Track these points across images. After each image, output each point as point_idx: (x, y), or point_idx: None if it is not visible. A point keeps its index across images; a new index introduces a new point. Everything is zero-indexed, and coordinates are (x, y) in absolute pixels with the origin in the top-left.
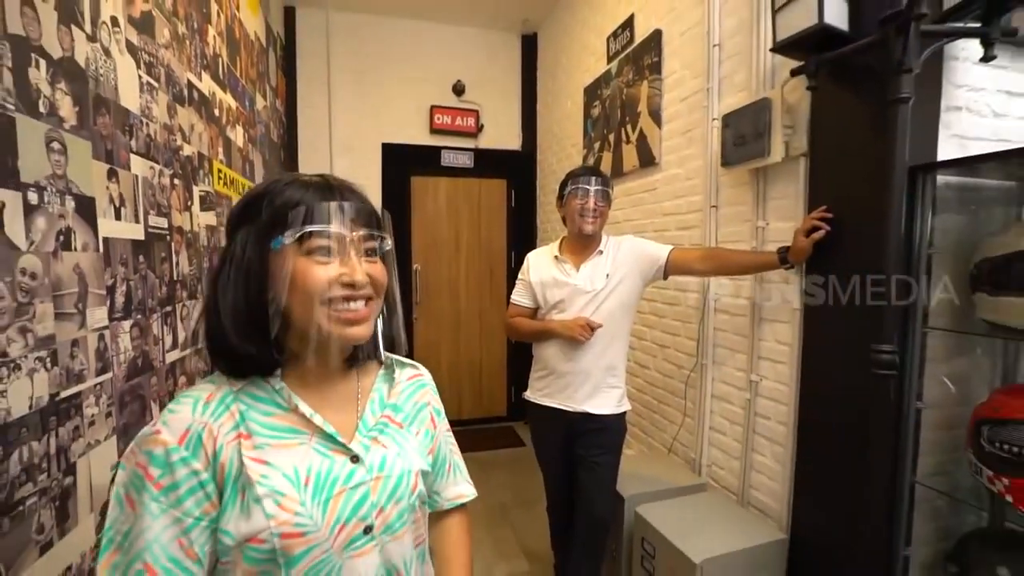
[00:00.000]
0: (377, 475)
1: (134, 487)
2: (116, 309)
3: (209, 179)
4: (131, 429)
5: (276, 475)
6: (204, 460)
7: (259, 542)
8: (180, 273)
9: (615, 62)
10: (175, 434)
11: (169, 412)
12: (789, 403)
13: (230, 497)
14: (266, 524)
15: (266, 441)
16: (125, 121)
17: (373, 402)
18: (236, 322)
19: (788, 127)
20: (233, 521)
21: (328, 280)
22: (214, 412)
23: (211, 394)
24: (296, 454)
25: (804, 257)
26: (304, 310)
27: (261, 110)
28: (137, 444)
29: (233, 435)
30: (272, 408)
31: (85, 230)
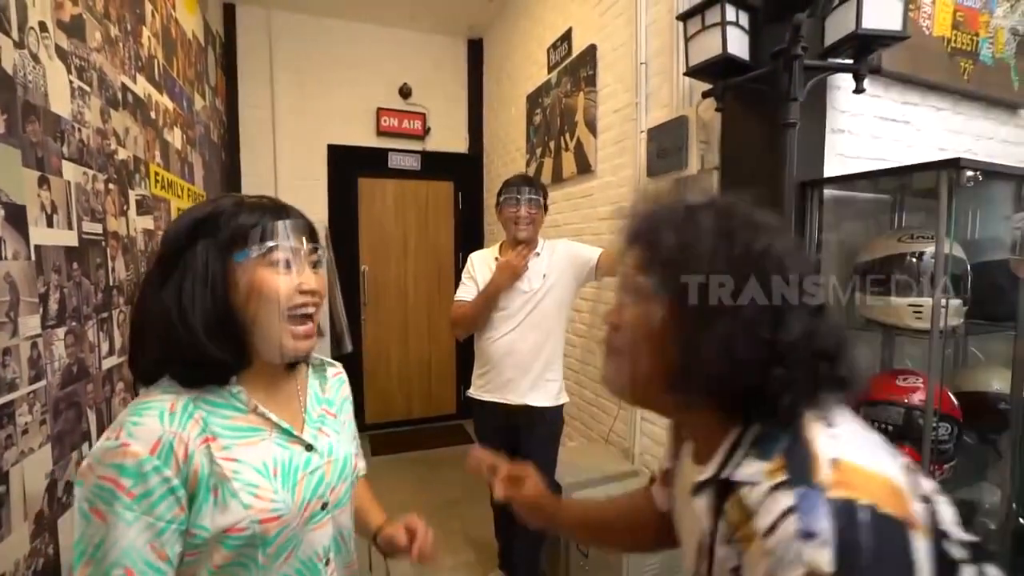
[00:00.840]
0: (328, 459)
1: (102, 500)
2: (49, 317)
3: (146, 183)
4: (66, 436)
5: (247, 470)
6: (175, 467)
7: (239, 530)
8: (116, 279)
9: (555, 72)
10: (146, 445)
11: (133, 424)
12: None
13: (203, 497)
14: (245, 514)
15: (232, 441)
16: (56, 127)
17: (311, 398)
18: (208, 330)
19: (703, 142)
20: (208, 517)
21: (291, 288)
22: (180, 422)
23: (172, 403)
24: (260, 449)
25: None
26: (265, 316)
27: (200, 110)
28: (97, 459)
29: (200, 440)
30: (231, 412)
31: (15, 238)
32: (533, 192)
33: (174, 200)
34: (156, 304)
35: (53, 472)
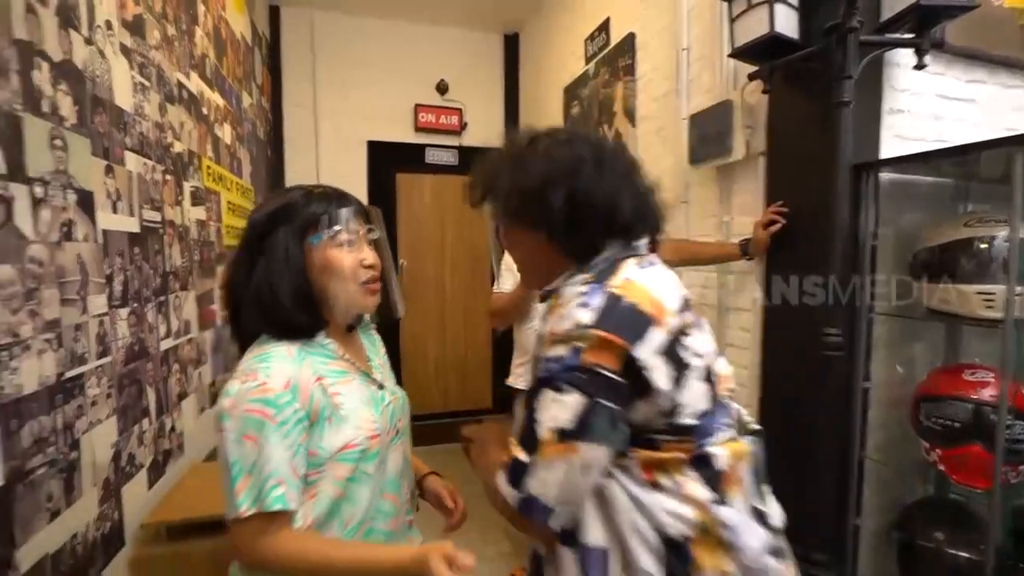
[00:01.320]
0: (393, 396)
1: (252, 427)
2: (114, 297)
3: (199, 175)
4: (129, 411)
5: (349, 401)
6: (301, 401)
7: (353, 446)
8: (173, 265)
9: (592, 63)
10: (280, 383)
11: (266, 368)
12: (751, 387)
13: (322, 423)
14: (356, 433)
15: (334, 380)
16: (120, 119)
17: (370, 350)
18: (294, 301)
19: (749, 127)
20: (326, 439)
21: (355, 263)
22: (299, 365)
23: (289, 351)
24: (353, 386)
25: (763, 248)
26: (336, 286)
27: (247, 108)
28: (240, 397)
29: (314, 379)
30: (326, 359)
31: (85, 222)
32: None
33: (224, 192)
34: (249, 283)
35: (118, 443)
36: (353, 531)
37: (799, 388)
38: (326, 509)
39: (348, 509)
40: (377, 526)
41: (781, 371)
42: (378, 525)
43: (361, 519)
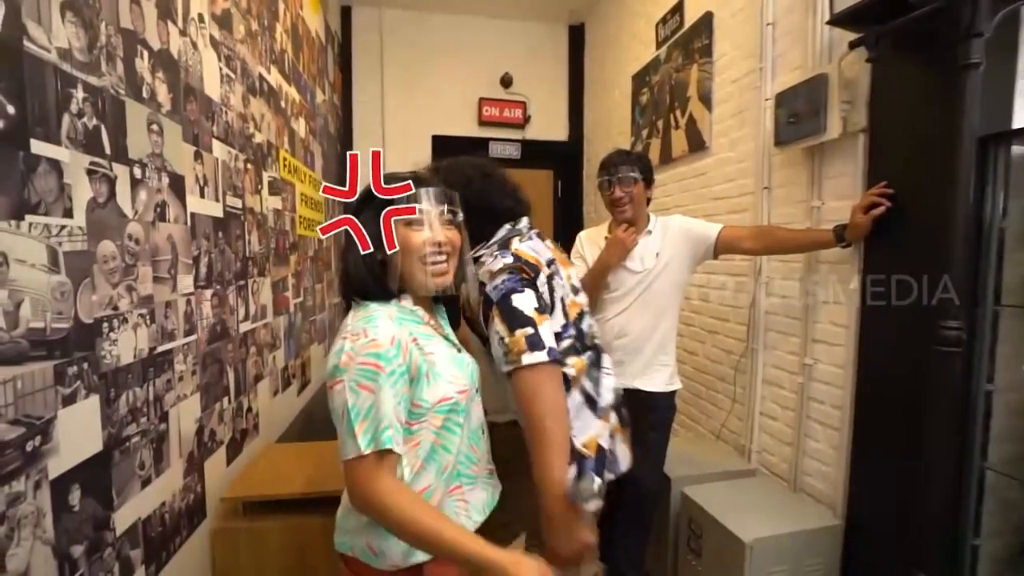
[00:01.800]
0: (470, 359)
1: (366, 378)
2: (200, 278)
3: (276, 166)
4: (211, 388)
5: (441, 360)
6: (403, 357)
7: (447, 399)
8: (251, 251)
9: (664, 48)
10: (387, 340)
11: (374, 327)
12: (845, 386)
13: (421, 378)
14: (450, 387)
15: (426, 341)
16: (208, 108)
17: (443, 320)
18: (371, 273)
19: (846, 103)
20: (425, 392)
21: (421, 242)
22: (398, 325)
23: (389, 313)
24: (440, 347)
25: (863, 234)
26: (407, 262)
27: (320, 104)
28: (356, 352)
29: (411, 339)
30: (417, 323)
31: (176, 204)
32: (627, 168)
33: (298, 184)
34: (345, 254)
35: (201, 419)
36: (448, 477)
37: (905, 389)
38: (426, 455)
39: (444, 456)
40: (464, 471)
41: (882, 370)
42: (465, 471)
43: (452, 466)
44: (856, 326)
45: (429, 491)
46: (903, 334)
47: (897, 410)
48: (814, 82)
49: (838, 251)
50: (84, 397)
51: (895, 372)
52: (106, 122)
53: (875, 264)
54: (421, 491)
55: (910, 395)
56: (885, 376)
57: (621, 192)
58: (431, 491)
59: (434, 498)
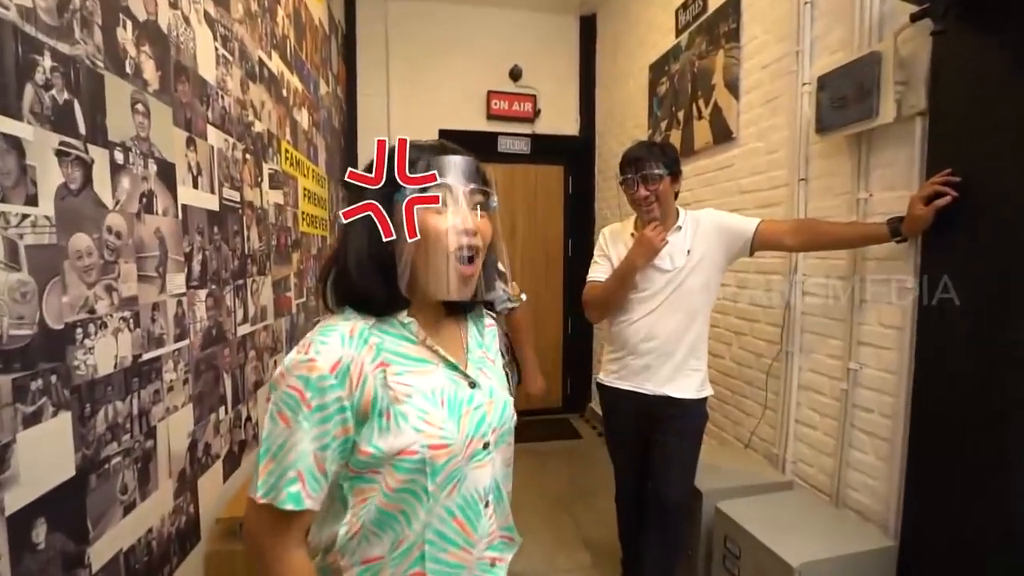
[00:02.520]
0: (489, 400)
1: (287, 407)
2: (193, 277)
3: (277, 158)
4: (205, 398)
5: (418, 396)
6: (348, 390)
7: (411, 453)
8: (251, 248)
9: (685, 34)
10: (328, 363)
11: (320, 343)
12: (898, 394)
13: (375, 419)
14: (416, 437)
15: (404, 369)
16: (203, 91)
17: (472, 341)
18: (358, 269)
19: (900, 83)
20: (380, 438)
21: (445, 229)
22: (357, 346)
23: (352, 328)
24: (430, 379)
25: (923, 228)
26: (421, 255)
27: (324, 96)
28: (289, 369)
29: (374, 365)
30: (403, 341)
31: (166, 195)
32: (652, 164)
33: (300, 179)
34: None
35: (194, 432)
36: (403, 555)
37: (978, 399)
38: (374, 520)
39: (401, 528)
40: (436, 555)
41: (947, 377)
42: (437, 554)
43: (413, 543)
44: (912, 329)
45: (377, 565)
46: (972, 338)
47: (966, 421)
48: (864, 62)
49: (889, 247)
50: (52, 415)
51: (964, 380)
52: (80, 97)
53: (936, 261)
54: (368, 561)
55: (984, 406)
56: (951, 384)
57: (646, 191)
58: (379, 567)
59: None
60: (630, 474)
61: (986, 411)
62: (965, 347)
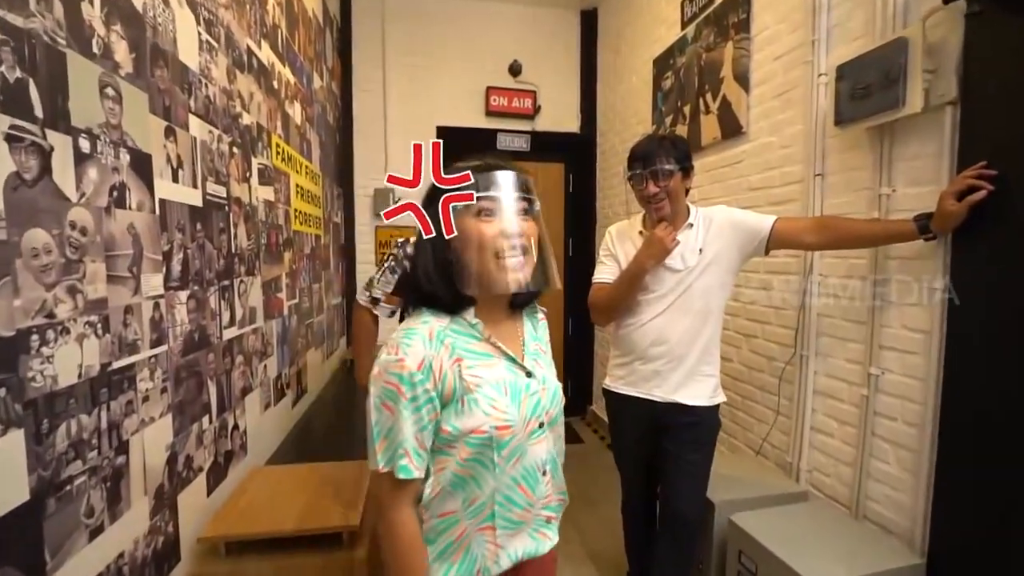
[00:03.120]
0: (543, 387)
1: (389, 398)
2: (172, 277)
3: (267, 152)
4: (187, 407)
5: (487, 386)
6: (433, 382)
7: (480, 432)
8: (238, 247)
9: (691, 26)
10: (415, 362)
11: (407, 346)
12: (925, 401)
13: (453, 405)
14: (485, 419)
15: (475, 363)
16: (184, 78)
17: (528, 335)
18: (426, 273)
19: (929, 71)
20: (457, 419)
21: (492, 235)
22: (436, 347)
23: (430, 331)
24: (495, 371)
25: (954, 225)
26: (468, 257)
27: (318, 90)
28: (384, 369)
29: (451, 361)
30: (471, 339)
31: (140, 188)
32: (663, 159)
33: (293, 175)
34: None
35: (173, 444)
36: (476, 511)
37: (1014, 408)
38: (450, 483)
39: (472, 489)
40: (504, 514)
41: (984, 385)
42: (505, 513)
43: (484, 502)
44: (941, 332)
45: (453, 517)
46: (1010, 343)
47: (1005, 432)
48: (890, 49)
49: (914, 245)
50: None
51: (1001, 387)
52: (36, 76)
53: (969, 260)
54: (444, 515)
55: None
56: (985, 392)
57: (656, 187)
58: (455, 519)
59: (458, 529)
60: (638, 484)
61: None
62: (1001, 353)
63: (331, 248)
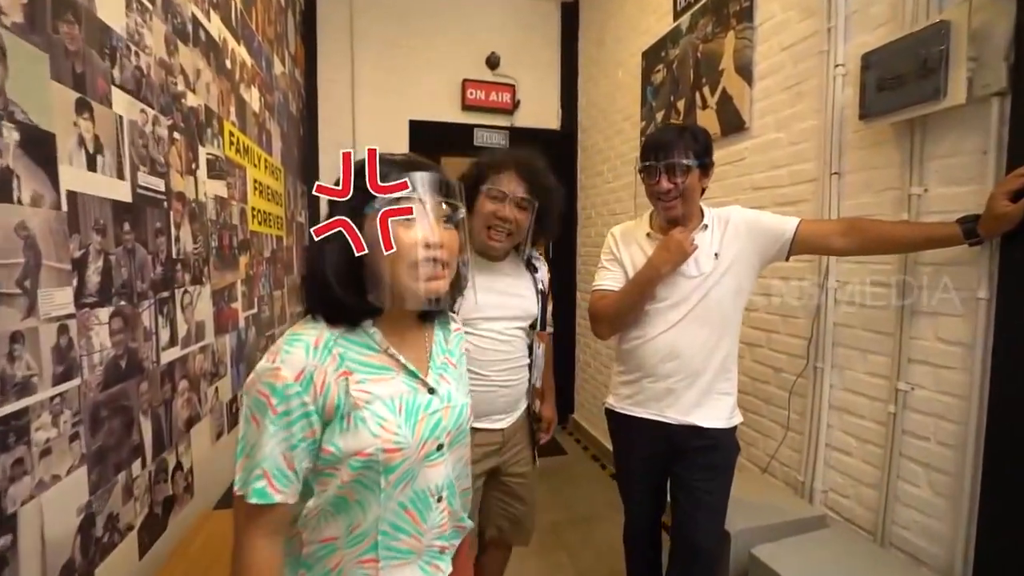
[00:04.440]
0: (447, 404)
1: (257, 410)
2: (88, 292)
3: (219, 141)
4: (109, 454)
5: (377, 403)
6: (312, 396)
7: (366, 455)
8: (182, 250)
9: (686, 16)
10: (292, 372)
11: (285, 353)
12: (965, 421)
13: (337, 422)
14: (372, 441)
15: (366, 377)
16: (105, 41)
17: (437, 346)
18: (338, 278)
19: (972, 59)
20: (340, 439)
21: (410, 243)
22: (321, 356)
23: (317, 338)
24: (390, 386)
25: (1006, 228)
26: (386, 266)
27: (279, 76)
28: (258, 376)
29: (337, 374)
30: (366, 350)
31: (36, 176)
32: (680, 152)
33: (251, 169)
34: (307, 255)
35: (89, 504)
36: (357, 539)
37: None
38: (331, 504)
39: (356, 514)
40: (388, 543)
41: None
42: (389, 542)
43: (366, 530)
44: (986, 347)
45: (332, 545)
46: None
47: None
48: (927, 34)
49: (949, 251)
50: None
51: None
52: None
53: (1021, 267)
54: (324, 540)
55: None
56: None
57: (669, 184)
58: (334, 547)
59: (334, 559)
60: (644, 511)
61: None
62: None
63: (295, 251)
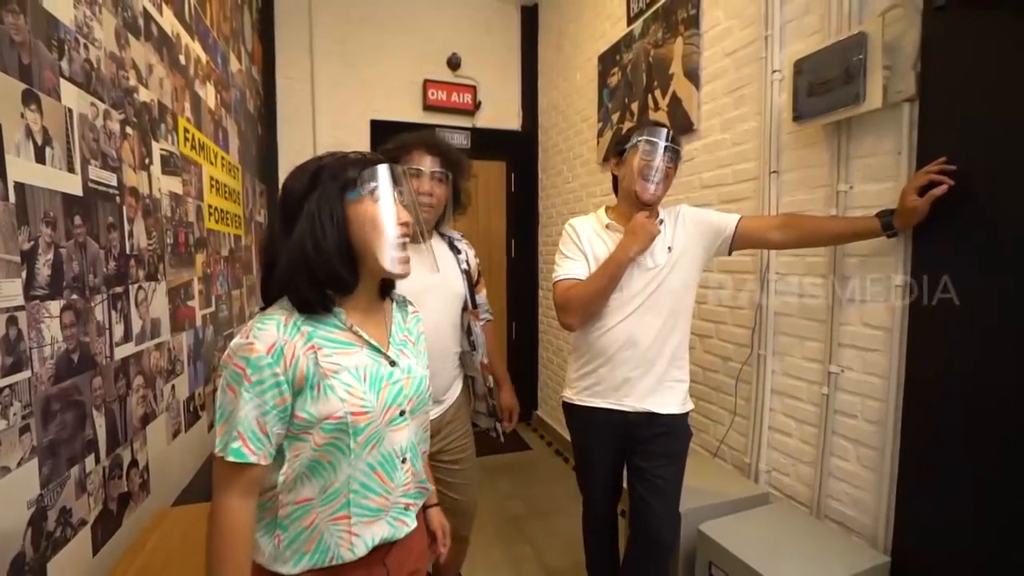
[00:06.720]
0: (407, 375)
1: (234, 380)
2: (38, 284)
3: (173, 137)
4: (60, 447)
5: (344, 373)
6: (283, 367)
7: (336, 418)
8: (135, 246)
9: (639, 22)
10: (264, 346)
11: (258, 329)
12: (886, 398)
13: (308, 391)
14: (341, 405)
15: (333, 351)
16: (52, 32)
17: (396, 325)
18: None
19: (886, 67)
20: (312, 406)
21: (394, 220)
22: (290, 332)
23: (287, 318)
24: (355, 358)
25: (916, 220)
26: (377, 241)
27: (236, 73)
28: (234, 351)
29: (306, 347)
30: (332, 328)
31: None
32: (678, 142)
33: (207, 166)
34: (289, 242)
35: (40, 498)
36: (330, 498)
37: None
38: (305, 469)
39: (328, 475)
40: (359, 501)
41: (945, 381)
42: (360, 500)
43: (339, 489)
44: (902, 329)
45: (308, 505)
46: (974, 339)
47: (970, 428)
48: (849, 44)
49: (872, 243)
50: None
51: (965, 384)
52: None
53: (930, 257)
54: (300, 501)
55: (997, 413)
56: (950, 388)
57: (664, 164)
58: (309, 507)
59: (310, 517)
60: (603, 501)
61: (991, 416)
62: (965, 348)
63: (254, 250)
